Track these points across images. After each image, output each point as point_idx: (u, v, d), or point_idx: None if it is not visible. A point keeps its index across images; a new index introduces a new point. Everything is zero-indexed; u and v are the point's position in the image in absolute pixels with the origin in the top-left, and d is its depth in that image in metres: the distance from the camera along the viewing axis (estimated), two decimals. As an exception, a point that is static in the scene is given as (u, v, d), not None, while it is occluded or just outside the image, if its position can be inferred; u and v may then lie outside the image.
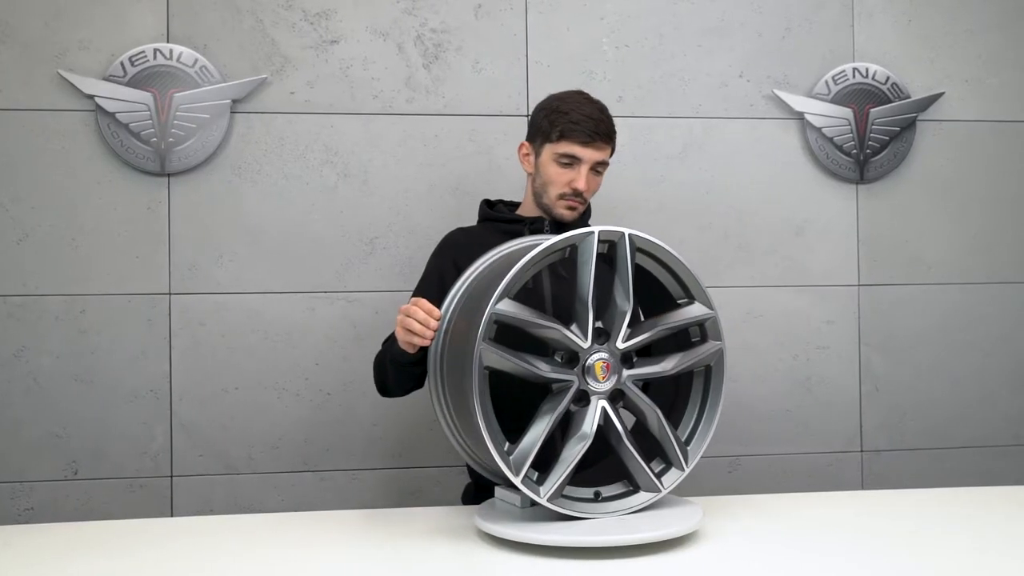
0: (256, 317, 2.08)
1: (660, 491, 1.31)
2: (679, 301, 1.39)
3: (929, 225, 2.30)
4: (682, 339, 1.40)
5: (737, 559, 1.21)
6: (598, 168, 1.64)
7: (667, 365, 1.33)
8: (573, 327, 1.27)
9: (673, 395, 1.41)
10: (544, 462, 1.27)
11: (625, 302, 1.32)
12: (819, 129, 2.24)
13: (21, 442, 2.01)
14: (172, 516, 2.04)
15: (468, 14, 2.16)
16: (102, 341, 2.04)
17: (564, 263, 1.37)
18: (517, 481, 1.21)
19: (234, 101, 2.06)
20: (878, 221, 2.28)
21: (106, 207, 2.04)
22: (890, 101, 2.26)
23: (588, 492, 1.30)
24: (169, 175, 2.06)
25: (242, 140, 2.08)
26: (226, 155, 2.08)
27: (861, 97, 2.25)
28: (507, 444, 1.23)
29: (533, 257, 1.24)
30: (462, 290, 1.34)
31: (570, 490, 1.29)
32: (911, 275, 2.29)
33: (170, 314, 2.06)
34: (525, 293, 1.41)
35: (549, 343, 1.31)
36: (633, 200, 2.20)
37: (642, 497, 1.31)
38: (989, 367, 2.30)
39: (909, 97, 2.27)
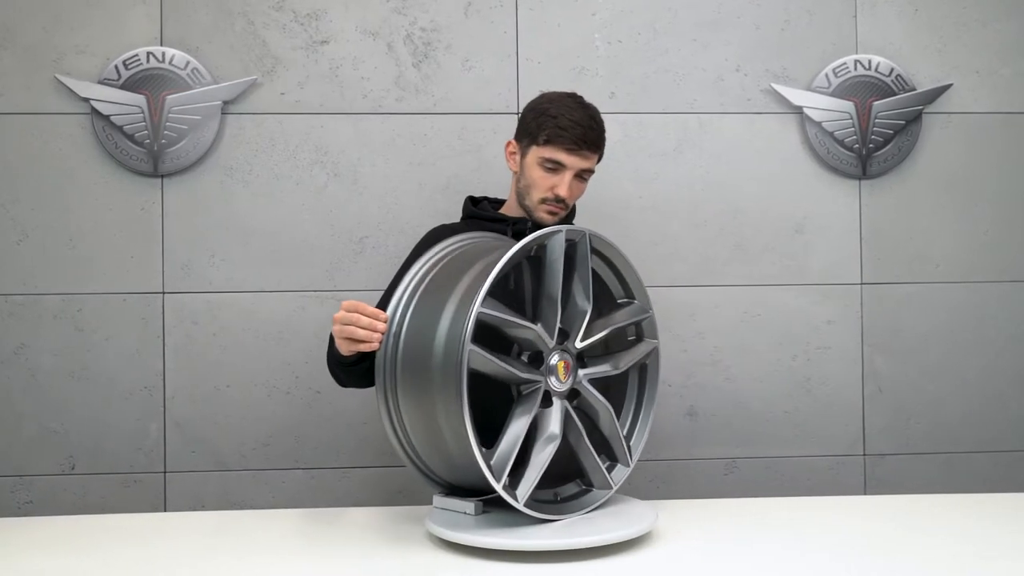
0: (247, 316, 2.11)
1: (612, 488, 1.32)
2: (620, 301, 1.39)
3: (936, 221, 2.22)
4: (619, 338, 1.41)
5: (722, 563, 1.18)
6: (583, 175, 1.63)
7: (617, 364, 1.33)
8: (539, 326, 1.26)
9: (604, 392, 1.40)
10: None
11: (585, 301, 1.31)
12: (819, 123, 2.18)
13: (21, 437, 2.07)
14: (165, 511, 2.08)
15: (458, 12, 2.15)
16: (98, 339, 2.08)
17: (532, 263, 1.36)
18: (499, 487, 1.19)
19: (225, 102, 2.09)
20: (882, 217, 2.21)
21: (102, 208, 2.08)
22: (894, 94, 2.19)
23: (548, 494, 1.29)
24: (162, 176, 2.09)
25: (233, 141, 2.11)
26: (217, 156, 2.10)
27: (864, 90, 2.19)
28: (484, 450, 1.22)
29: (512, 257, 1.23)
30: (409, 290, 1.33)
31: (534, 493, 1.28)
32: (917, 273, 2.21)
33: (163, 313, 2.09)
34: (508, 294, 1.40)
35: (520, 343, 1.30)
36: (625, 198, 2.17)
37: (597, 496, 1.31)
38: (999, 368, 2.21)
39: (914, 89, 2.19)
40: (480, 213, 1.75)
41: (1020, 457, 2.21)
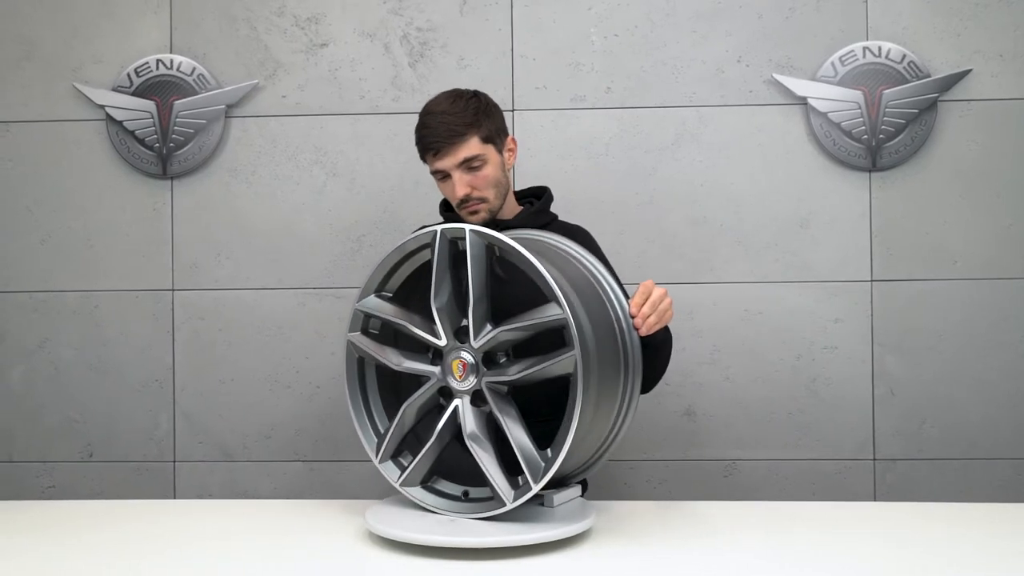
0: (251, 312, 2.18)
1: (504, 505, 1.21)
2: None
3: (953, 214, 2.11)
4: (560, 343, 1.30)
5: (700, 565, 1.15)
6: (471, 164, 1.54)
7: (511, 372, 1.23)
8: (403, 322, 1.30)
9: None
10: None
11: (475, 300, 1.26)
12: (824, 114, 2.10)
13: (45, 426, 2.20)
14: (175, 498, 2.17)
15: (453, 11, 2.17)
16: (113, 334, 2.19)
17: (500, 263, 1.35)
18: (376, 461, 1.31)
19: (228, 106, 2.16)
20: (894, 211, 2.11)
21: (116, 209, 2.19)
22: (907, 81, 2.09)
23: (458, 490, 1.29)
24: (171, 178, 2.18)
25: (237, 143, 2.18)
26: (223, 158, 2.18)
27: (873, 78, 2.09)
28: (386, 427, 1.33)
29: (386, 260, 1.32)
30: None
31: (445, 484, 1.30)
32: (932, 269, 2.10)
33: (173, 309, 2.19)
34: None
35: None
36: (622, 194, 2.14)
37: (494, 506, 1.23)
38: (1020, 369, 2.08)
39: (929, 76, 2.09)
40: (453, 216, 1.76)
41: (1042, 465, 2.08)
